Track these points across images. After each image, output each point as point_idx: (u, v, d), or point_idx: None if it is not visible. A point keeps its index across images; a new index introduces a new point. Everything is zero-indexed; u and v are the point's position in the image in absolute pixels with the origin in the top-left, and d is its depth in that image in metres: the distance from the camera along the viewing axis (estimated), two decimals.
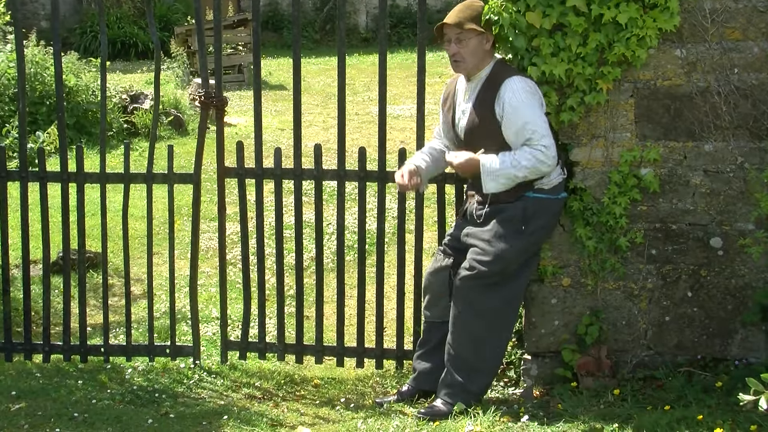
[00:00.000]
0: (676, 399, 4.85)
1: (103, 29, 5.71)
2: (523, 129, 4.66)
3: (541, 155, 4.66)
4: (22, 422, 4.93)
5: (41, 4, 21.47)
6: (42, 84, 11.68)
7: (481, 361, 4.93)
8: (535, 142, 4.66)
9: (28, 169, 5.70)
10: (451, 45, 4.83)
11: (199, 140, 5.64)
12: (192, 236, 5.74)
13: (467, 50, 4.80)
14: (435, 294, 5.09)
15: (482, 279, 4.81)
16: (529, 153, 4.66)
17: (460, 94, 4.96)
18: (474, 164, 4.77)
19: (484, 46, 4.82)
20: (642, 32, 4.79)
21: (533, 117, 4.67)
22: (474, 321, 4.87)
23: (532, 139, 4.66)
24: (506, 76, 4.76)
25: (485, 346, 4.91)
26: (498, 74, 4.80)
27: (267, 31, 22.53)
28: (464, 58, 4.81)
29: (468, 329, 4.89)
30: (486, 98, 4.78)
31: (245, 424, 4.93)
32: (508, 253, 4.78)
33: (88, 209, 6.35)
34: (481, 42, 4.81)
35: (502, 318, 4.92)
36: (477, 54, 4.81)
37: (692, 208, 5.01)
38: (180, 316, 6.35)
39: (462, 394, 4.91)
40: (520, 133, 4.68)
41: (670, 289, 5.08)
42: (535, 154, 4.66)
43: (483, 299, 4.84)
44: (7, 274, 5.77)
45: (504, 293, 4.87)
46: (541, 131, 4.67)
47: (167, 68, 15.79)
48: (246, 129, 12.41)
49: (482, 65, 4.85)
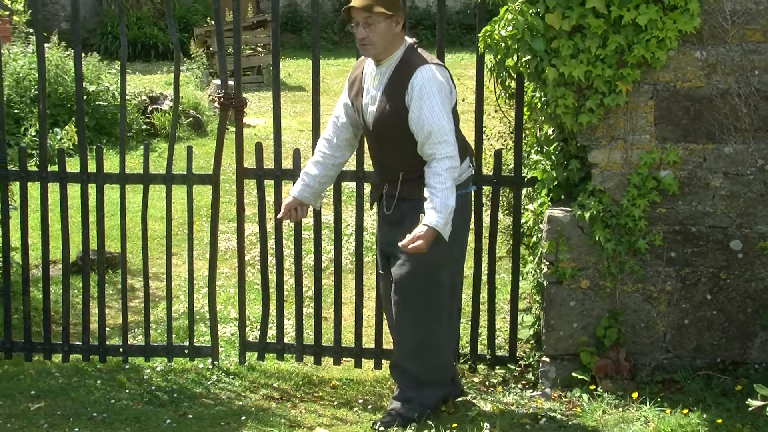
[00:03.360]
0: (695, 402, 4.83)
1: (123, 30, 5.72)
2: (429, 136, 4.48)
3: (450, 165, 4.48)
4: (41, 421, 4.95)
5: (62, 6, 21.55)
6: (63, 86, 11.75)
7: (431, 375, 4.87)
8: (440, 154, 4.47)
9: (48, 170, 5.72)
10: (359, 28, 4.58)
11: (218, 141, 5.65)
12: (211, 237, 5.76)
13: (376, 34, 4.56)
14: (390, 316, 4.95)
15: (411, 291, 4.71)
16: (444, 172, 4.46)
17: (369, 80, 4.75)
18: (430, 235, 4.44)
19: (393, 30, 4.59)
20: (662, 34, 4.77)
21: (440, 122, 4.47)
22: (411, 335, 4.79)
23: (437, 149, 4.47)
24: (418, 64, 4.58)
25: (429, 359, 4.84)
26: (409, 61, 4.61)
27: (286, 33, 22.56)
28: (373, 42, 4.58)
29: (408, 344, 4.82)
30: (396, 86, 4.59)
31: (263, 424, 4.94)
32: (432, 258, 4.61)
33: (108, 210, 6.38)
34: (390, 25, 4.57)
35: (439, 325, 4.82)
36: (386, 38, 4.58)
37: (712, 210, 4.99)
38: (198, 317, 6.37)
39: (419, 408, 4.84)
40: (425, 138, 4.50)
41: (689, 291, 5.06)
42: (447, 170, 4.47)
43: (418, 310, 4.74)
44: (27, 274, 5.80)
45: (436, 299, 4.76)
46: (446, 137, 4.49)
47: (187, 69, 15.84)
48: (265, 130, 12.43)
49: (392, 49, 4.63)
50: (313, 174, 4.95)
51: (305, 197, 4.97)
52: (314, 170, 4.96)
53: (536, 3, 4.82)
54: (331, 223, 6.34)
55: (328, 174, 4.98)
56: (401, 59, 4.63)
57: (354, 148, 5.08)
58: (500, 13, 5.02)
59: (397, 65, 4.63)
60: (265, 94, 15.25)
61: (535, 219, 5.41)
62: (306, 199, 4.97)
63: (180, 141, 11.59)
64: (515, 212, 5.49)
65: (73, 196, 5.97)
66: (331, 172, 4.99)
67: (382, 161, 4.80)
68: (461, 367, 5.55)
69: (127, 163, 6.03)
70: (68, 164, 5.87)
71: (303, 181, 4.97)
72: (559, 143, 5.22)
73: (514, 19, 4.88)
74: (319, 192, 5.01)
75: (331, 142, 4.95)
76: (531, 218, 5.49)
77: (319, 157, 4.97)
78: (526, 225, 5.58)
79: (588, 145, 5.02)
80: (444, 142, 4.50)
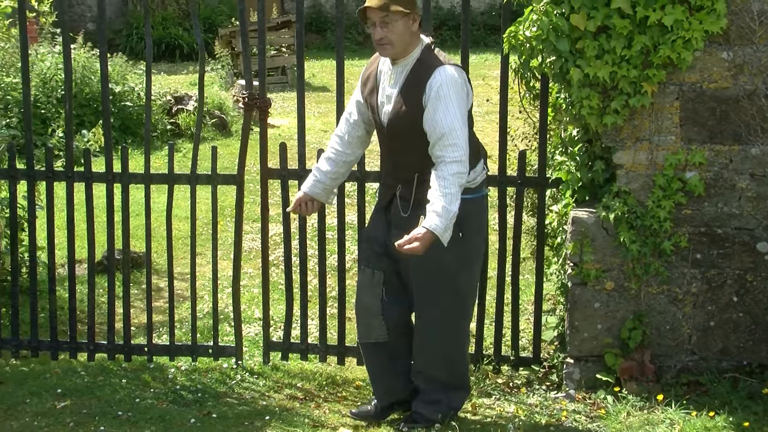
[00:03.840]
0: (722, 405, 4.80)
1: (148, 31, 5.75)
2: (441, 137, 4.41)
3: (458, 170, 4.39)
4: (67, 420, 4.99)
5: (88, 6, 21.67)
6: (89, 86, 11.82)
7: (457, 379, 4.86)
8: (449, 158, 4.39)
9: (74, 170, 5.76)
10: (377, 29, 4.48)
11: (242, 141, 5.67)
12: (235, 237, 5.78)
13: (394, 34, 4.46)
14: (366, 314, 4.87)
15: (433, 300, 4.67)
16: (450, 176, 4.37)
17: (384, 77, 4.67)
18: (427, 239, 4.31)
19: (411, 28, 4.49)
20: (688, 34, 4.75)
21: (453, 124, 4.40)
22: (438, 345, 4.74)
23: (446, 152, 4.39)
24: (436, 64, 4.51)
25: (458, 365, 4.83)
26: (427, 61, 4.54)
27: (310, 33, 22.58)
28: (391, 42, 4.48)
29: (434, 353, 4.77)
30: (413, 86, 4.52)
31: (287, 424, 4.95)
32: (452, 267, 4.58)
33: (133, 210, 6.40)
34: (408, 23, 4.48)
35: (463, 332, 4.80)
36: (404, 37, 4.49)
37: (738, 212, 4.96)
38: (222, 317, 6.39)
39: (445, 410, 4.83)
40: (437, 139, 4.43)
41: (715, 293, 5.03)
42: (454, 174, 4.37)
43: (441, 319, 4.69)
44: (53, 273, 5.84)
45: (460, 306, 4.72)
46: (458, 140, 4.40)
47: (211, 70, 15.88)
48: (289, 130, 12.46)
49: (410, 48, 4.55)
50: (324, 170, 4.93)
51: (316, 193, 4.93)
52: (326, 166, 4.93)
53: (561, 3, 4.81)
54: (355, 223, 6.35)
55: (339, 171, 4.94)
56: (419, 59, 4.57)
57: (366, 146, 5.03)
58: (525, 13, 5.01)
59: (414, 65, 4.57)
60: (290, 95, 15.27)
61: (560, 220, 5.40)
62: (317, 195, 4.93)
63: (204, 141, 11.62)
64: (539, 213, 5.48)
65: (98, 196, 6.00)
66: (342, 169, 4.95)
67: (396, 161, 4.72)
68: (485, 368, 5.54)
69: (152, 163, 6.06)
70: (94, 164, 5.90)
71: (314, 177, 4.94)
72: (584, 144, 5.20)
73: (539, 20, 4.87)
74: (330, 188, 4.97)
75: (343, 139, 4.92)
76: (555, 219, 5.47)
77: (330, 154, 4.94)
78: (551, 226, 5.56)
79: (613, 146, 5.00)
80: (454, 145, 4.41)
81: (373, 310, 4.82)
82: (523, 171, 5.41)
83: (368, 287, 4.82)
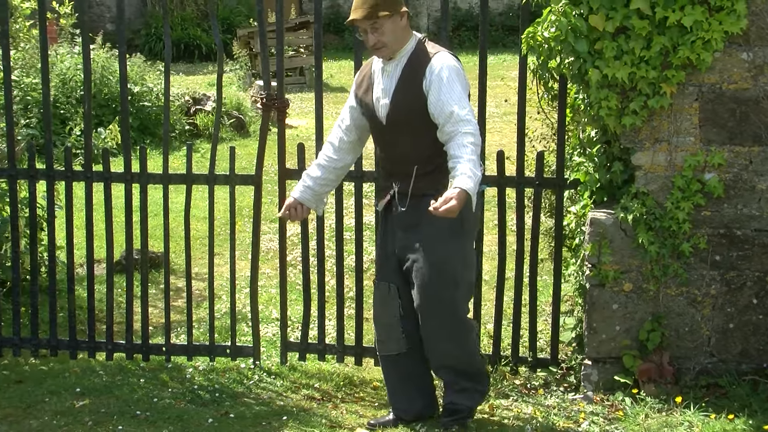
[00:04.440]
0: (741, 408, 4.78)
1: (167, 31, 5.77)
2: (450, 116, 4.43)
3: (473, 140, 4.41)
4: (86, 419, 5.01)
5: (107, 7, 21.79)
6: (107, 87, 11.87)
7: (474, 365, 4.86)
8: (463, 130, 4.40)
9: (93, 170, 5.78)
10: (368, 35, 4.58)
11: (260, 142, 5.68)
12: (253, 237, 5.79)
13: (386, 36, 4.56)
14: (385, 328, 4.88)
15: (437, 296, 4.65)
16: (469, 144, 4.38)
17: (379, 74, 4.74)
18: (462, 198, 4.27)
19: (400, 24, 4.58)
20: (707, 35, 4.73)
21: (460, 102, 4.44)
22: (449, 340, 4.73)
23: (458, 127, 4.41)
24: (433, 51, 4.59)
25: (473, 356, 4.84)
26: (423, 50, 4.61)
27: (328, 34, 22.63)
28: (386, 44, 4.57)
29: (448, 348, 4.76)
30: (412, 75, 4.58)
31: (304, 425, 4.95)
32: (454, 259, 4.62)
33: (151, 210, 6.43)
34: (396, 21, 4.56)
35: (466, 320, 4.80)
36: (396, 35, 4.57)
37: (758, 213, 4.93)
38: (240, 317, 6.40)
39: (478, 395, 4.86)
40: (446, 118, 4.45)
41: (734, 295, 5.01)
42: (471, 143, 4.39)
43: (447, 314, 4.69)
44: (72, 272, 5.87)
45: (461, 296, 4.73)
46: (468, 116, 4.43)
47: (229, 70, 15.93)
48: (307, 131, 12.48)
49: (403, 41, 4.62)
50: (314, 176, 4.94)
51: (305, 198, 4.93)
52: (316, 172, 4.94)
53: (580, 4, 4.80)
54: (372, 224, 6.35)
55: (329, 177, 4.94)
56: (414, 50, 4.63)
57: (358, 153, 5.05)
58: (543, 14, 5.00)
59: (410, 56, 4.62)
60: (308, 95, 15.30)
61: (578, 221, 5.38)
62: (306, 201, 4.93)
63: (222, 142, 11.66)
64: (557, 214, 5.46)
65: (117, 196, 6.03)
66: (332, 175, 4.95)
67: (394, 156, 4.72)
68: (502, 369, 5.53)
69: (171, 164, 6.07)
70: (112, 164, 5.93)
71: (304, 183, 4.95)
72: (602, 145, 5.19)
73: (558, 21, 4.86)
74: (320, 194, 4.96)
75: (334, 145, 4.94)
76: (573, 220, 5.46)
77: (321, 160, 4.96)
78: (569, 227, 5.55)
79: (631, 148, 4.98)
80: (465, 120, 4.42)
81: (392, 323, 4.84)
82: (541, 172, 5.40)
83: (386, 301, 4.85)
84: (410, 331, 4.82)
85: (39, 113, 10.02)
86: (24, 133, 7.81)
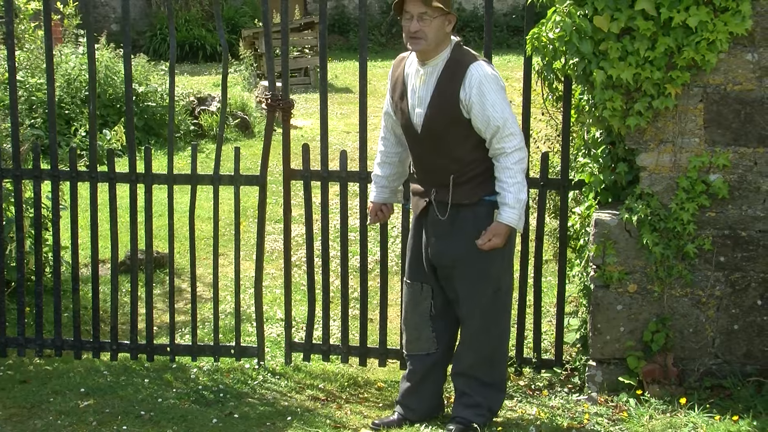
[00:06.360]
0: (745, 409, 4.78)
1: (172, 32, 5.77)
2: (497, 131, 4.51)
3: (520, 157, 4.55)
4: (90, 419, 5.02)
5: (112, 8, 21.79)
6: (112, 87, 11.88)
7: (497, 380, 4.87)
8: (509, 147, 4.53)
9: (98, 170, 5.79)
10: (413, 21, 4.50)
11: (265, 142, 5.68)
12: (258, 238, 5.79)
13: (430, 29, 4.50)
14: (416, 327, 4.91)
15: (479, 303, 4.71)
16: (513, 165, 4.54)
17: (413, 80, 4.69)
18: (505, 232, 4.59)
19: (445, 28, 4.56)
20: (712, 36, 4.72)
21: (504, 114, 4.51)
22: (484, 346, 4.78)
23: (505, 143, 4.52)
24: (468, 61, 4.57)
25: (499, 366, 4.86)
26: (459, 60, 4.59)
27: (333, 34, 22.62)
28: (426, 36, 4.50)
29: (480, 353, 4.80)
30: (448, 85, 4.56)
31: (308, 425, 4.96)
32: (496, 269, 4.70)
33: (156, 210, 6.43)
34: (444, 22, 4.54)
35: (505, 330, 4.85)
36: (439, 34, 4.53)
37: (763, 214, 4.93)
38: (245, 317, 6.41)
39: (488, 413, 4.83)
40: (493, 133, 4.53)
41: (739, 297, 5.00)
42: (517, 162, 4.54)
43: (486, 320, 4.74)
44: (76, 272, 5.87)
45: (502, 303, 4.78)
46: (513, 129, 4.53)
47: (234, 71, 15.93)
48: (312, 131, 12.48)
49: (441, 48, 4.58)
50: (382, 175, 5.02)
51: (384, 198, 5.04)
52: (381, 171, 5.02)
53: (584, 5, 4.80)
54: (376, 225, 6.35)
55: (396, 170, 5.02)
56: (450, 58, 4.61)
57: None
58: (548, 15, 5.00)
59: (446, 64, 4.60)
60: (312, 96, 15.30)
61: (582, 222, 5.38)
62: (386, 200, 5.05)
63: (227, 142, 11.67)
64: (562, 215, 5.46)
65: (121, 196, 6.04)
66: (398, 168, 5.03)
67: (430, 165, 4.72)
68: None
69: (175, 164, 6.08)
70: (117, 165, 5.94)
71: (377, 185, 5.04)
72: (607, 146, 5.19)
73: (562, 21, 4.86)
74: (395, 189, 5.06)
75: (389, 139, 4.97)
76: (578, 221, 5.46)
77: (382, 158, 5.01)
78: (573, 228, 5.55)
79: (636, 149, 4.98)
80: (511, 135, 4.54)
81: (423, 324, 4.88)
82: (545, 173, 5.40)
83: (417, 300, 4.89)
84: (440, 332, 4.87)
85: (44, 113, 10.03)
86: (29, 133, 7.82)
